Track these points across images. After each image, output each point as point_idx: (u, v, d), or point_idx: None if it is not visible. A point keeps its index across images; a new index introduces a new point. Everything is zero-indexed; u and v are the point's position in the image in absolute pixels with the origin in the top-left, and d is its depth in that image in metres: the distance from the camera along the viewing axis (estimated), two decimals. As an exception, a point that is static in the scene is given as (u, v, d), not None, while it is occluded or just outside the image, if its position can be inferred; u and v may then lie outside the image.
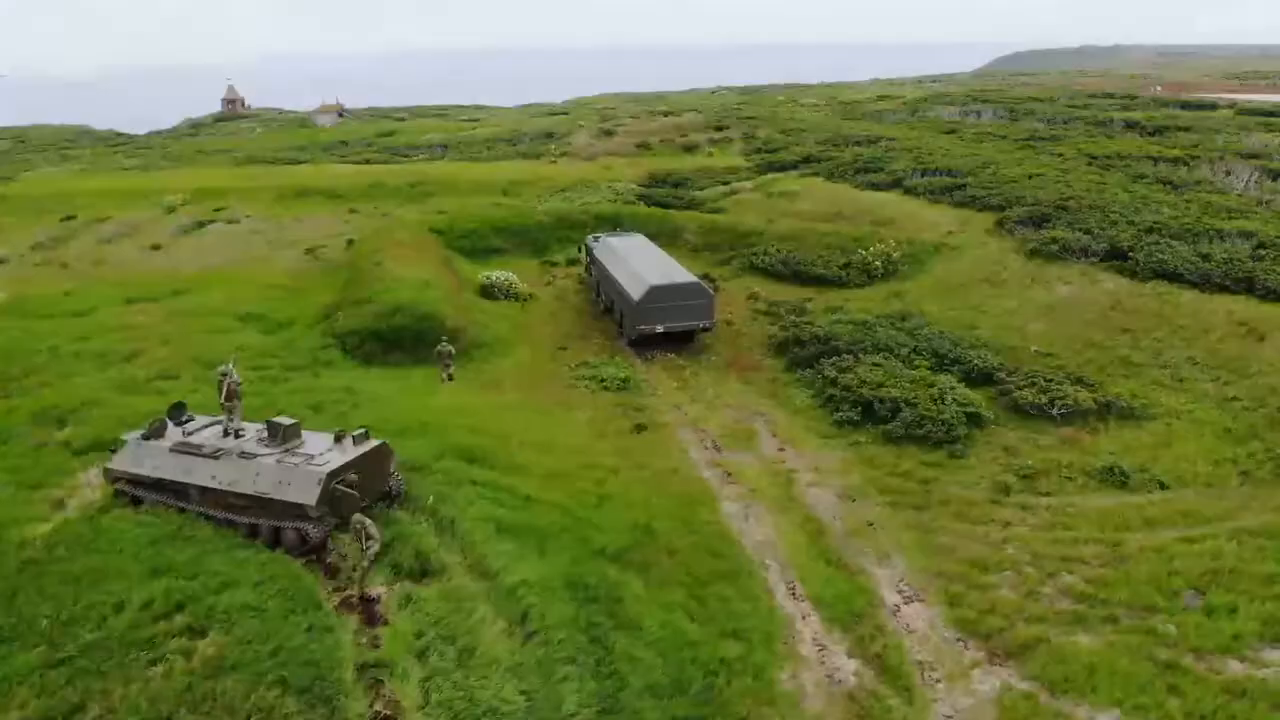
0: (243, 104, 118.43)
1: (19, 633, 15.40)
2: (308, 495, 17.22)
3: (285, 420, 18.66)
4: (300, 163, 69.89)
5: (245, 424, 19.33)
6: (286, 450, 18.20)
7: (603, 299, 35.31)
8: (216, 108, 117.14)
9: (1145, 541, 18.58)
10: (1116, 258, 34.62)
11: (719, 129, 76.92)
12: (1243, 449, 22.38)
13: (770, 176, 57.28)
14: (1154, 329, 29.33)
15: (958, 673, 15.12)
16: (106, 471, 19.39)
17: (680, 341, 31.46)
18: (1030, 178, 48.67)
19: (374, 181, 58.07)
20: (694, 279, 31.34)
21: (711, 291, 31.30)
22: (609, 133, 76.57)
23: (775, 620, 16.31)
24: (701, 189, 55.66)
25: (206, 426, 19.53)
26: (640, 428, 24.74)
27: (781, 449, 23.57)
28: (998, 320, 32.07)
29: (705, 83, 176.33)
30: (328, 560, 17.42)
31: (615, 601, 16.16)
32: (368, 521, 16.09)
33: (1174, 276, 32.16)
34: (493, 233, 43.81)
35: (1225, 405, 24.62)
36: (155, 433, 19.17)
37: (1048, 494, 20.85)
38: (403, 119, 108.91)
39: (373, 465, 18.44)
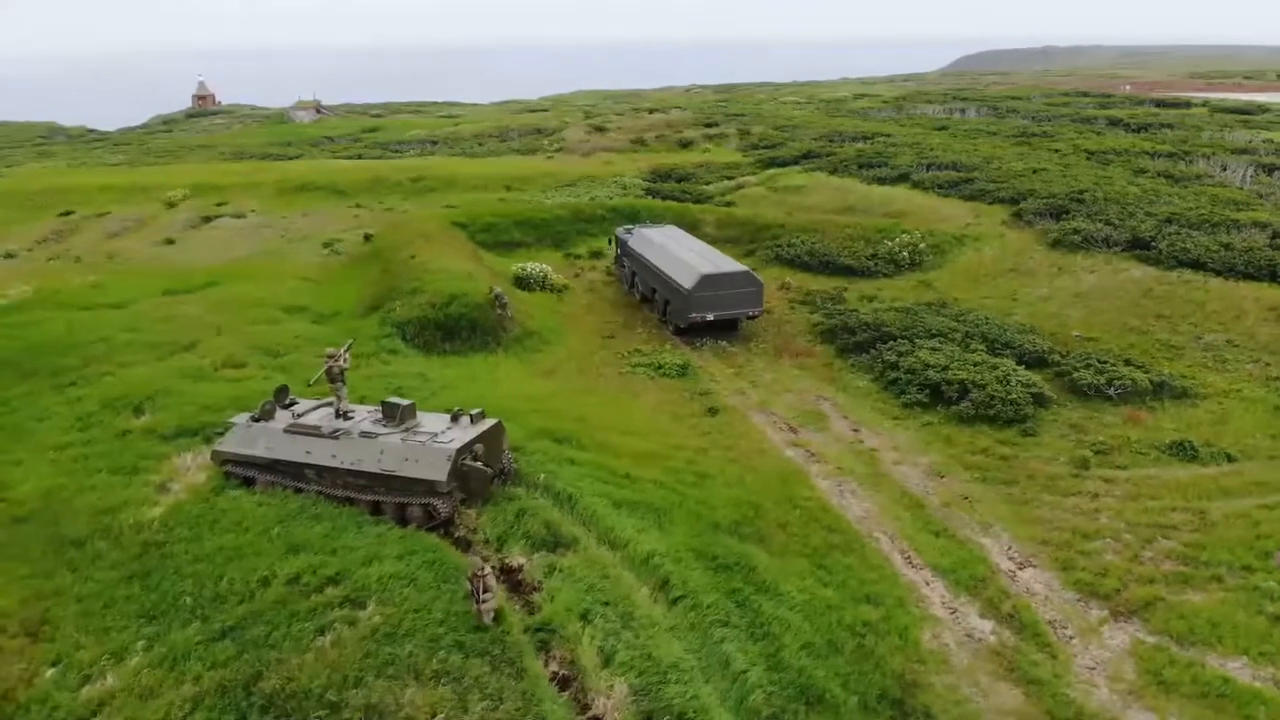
0: (213, 100, 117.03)
1: (163, 610, 15.73)
2: (438, 471, 17.70)
3: (401, 400, 19.12)
4: (292, 158, 69.52)
5: (354, 406, 19.73)
6: (407, 429, 18.64)
7: (638, 289, 35.98)
8: (185, 104, 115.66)
9: (1227, 509, 19.77)
10: (1139, 247, 36.11)
11: (709, 126, 77.98)
12: (1299, 424, 23.72)
13: (773, 171, 58.34)
14: (1188, 314, 30.77)
15: (1087, 629, 16.09)
16: (215, 454, 19.66)
17: (725, 330, 32.26)
18: (1035, 172, 50.30)
19: (375, 177, 58.12)
20: (744, 268, 32.19)
21: (761, 280, 32.13)
22: (601, 129, 77.19)
23: (902, 586, 17.16)
24: (707, 184, 56.57)
25: (314, 409, 19.88)
26: (713, 411, 25.49)
27: (855, 430, 24.47)
28: (1032, 308, 33.33)
29: (670, 80, 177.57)
30: (457, 534, 17.91)
31: (749, 570, 16.88)
32: (487, 570, 15.07)
33: (1198, 265, 33.71)
34: (513, 226, 44.25)
35: (1270, 385, 26.03)
36: (265, 415, 19.49)
37: (1124, 467, 21.97)
38: (380, 115, 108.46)
39: (491, 443, 18.95)
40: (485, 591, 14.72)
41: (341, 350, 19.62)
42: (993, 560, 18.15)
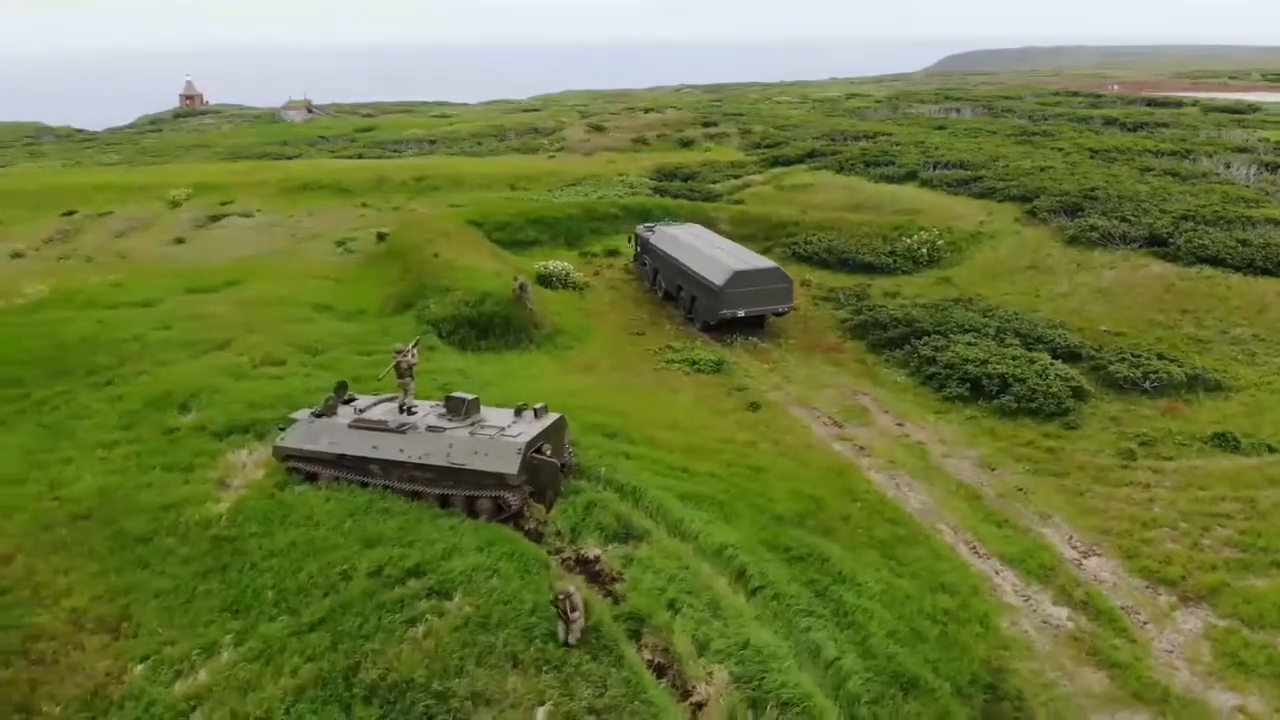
0: (201, 100, 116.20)
1: (245, 604, 15.79)
2: (509, 465, 17.84)
3: (465, 395, 19.24)
4: (290, 158, 69.30)
5: (417, 401, 19.84)
6: (473, 424, 18.77)
7: (660, 286, 36.20)
8: (171, 104, 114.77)
9: (1276, 498, 20.24)
10: (1156, 244, 36.71)
11: (708, 125, 78.37)
12: (1332, 416, 24.26)
13: (779, 170, 58.80)
14: (1212, 309, 31.36)
15: (1159, 615, 16.48)
16: (277, 449, 19.69)
17: (752, 326, 32.54)
18: (1042, 170, 50.99)
19: (379, 176, 58.13)
20: (775, 264, 32.52)
21: (790, 276, 32.45)
22: (599, 128, 77.39)
23: (973, 575, 17.48)
24: (714, 182, 56.92)
25: (375, 404, 19.97)
26: (754, 406, 25.74)
27: (899, 424, 24.80)
28: (1055, 303, 33.83)
29: (656, 80, 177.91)
30: (527, 527, 18.06)
31: (823, 561, 17.15)
32: (573, 591, 14.28)
33: (1216, 261, 34.33)
34: (527, 224, 44.40)
35: (1302, 377, 26.60)
36: (328, 410, 19.57)
37: (1170, 458, 22.42)
38: (371, 115, 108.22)
39: (554, 438, 19.12)
40: (573, 611, 14.11)
41: (409, 346, 19.78)
42: (1058, 549, 18.50)
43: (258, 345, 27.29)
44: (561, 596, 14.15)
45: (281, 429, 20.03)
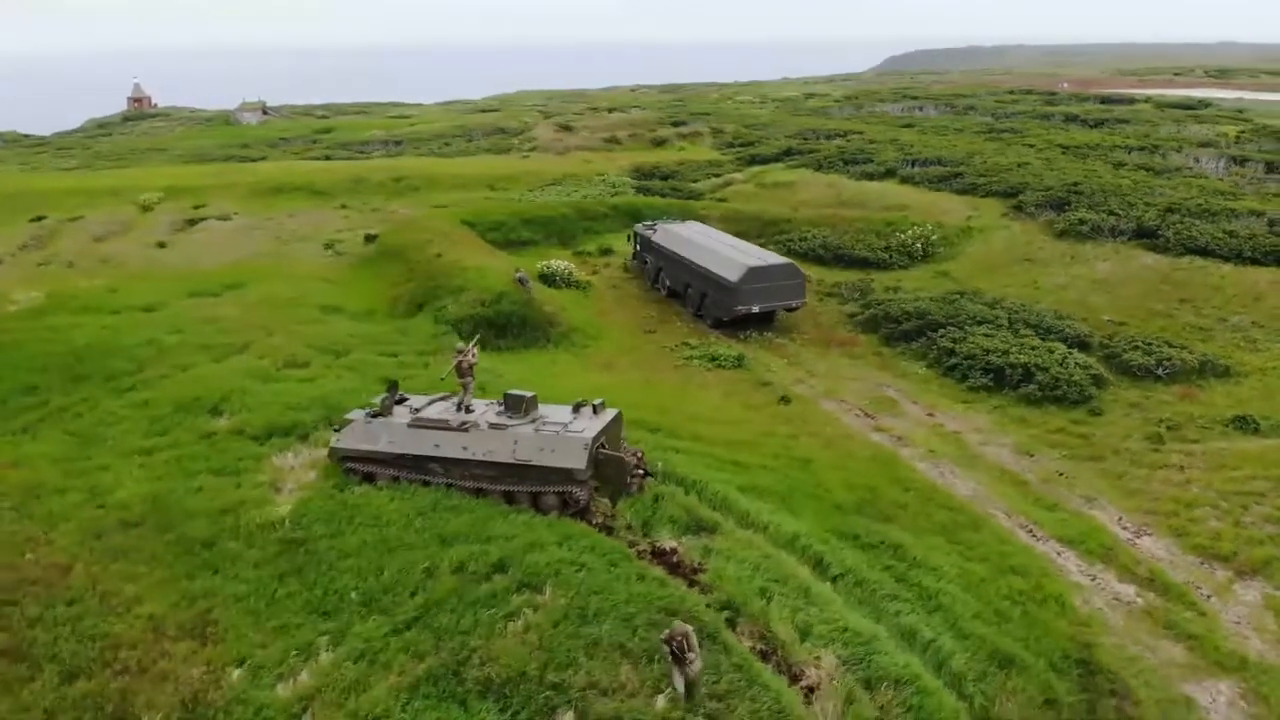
0: (150, 103, 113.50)
1: (331, 605, 15.74)
2: (576, 460, 17.98)
3: (524, 392, 19.32)
4: (255, 160, 68.24)
5: (474, 400, 19.88)
6: (534, 420, 18.88)
7: (663, 284, 36.48)
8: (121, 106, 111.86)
9: (1306, 476, 21.17)
10: (1145, 236, 37.98)
11: (677, 124, 78.82)
12: (1342, 398, 25.41)
13: (758, 169, 59.47)
14: (1209, 298, 32.56)
15: (1221, 588, 17.21)
16: (333, 450, 19.59)
17: (762, 322, 32.99)
18: (1020, 166, 52.35)
19: (355, 177, 57.61)
20: (788, 260, 33.04)
21: (803, 272, 32.96)
22: (568, 128, 77.46)
23: (1038, 558, 18.06)
24: (695, 181, 57.36)
25: (430, 403, 19.96)
26: (785, 399, 26.16)
27: (930, 414, 25.41)
28: (1055, 295, 34.79)
29: (604, 81, 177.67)
30: (595, 521, 18.20)
31: (896, 547, 17.61)
32: (689, 632, 12.87)
33: (1205, 252, 35.65)
34: (521, 224, 44.42)
35: (1305, 362, 27.78)
36: (384, 410, 19.52)
37: (1196, 441, 23.32)
38: (325, 116, 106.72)
39: (613, 433, 19.30)
40: (689, 652, 12.66)
41: (470, 346, 19.84)
42: (1111, 530, 19.19)
43: (277, 348, 26.99)
44: (677, 636, 12.70)
45: (336, 430, 19.91)
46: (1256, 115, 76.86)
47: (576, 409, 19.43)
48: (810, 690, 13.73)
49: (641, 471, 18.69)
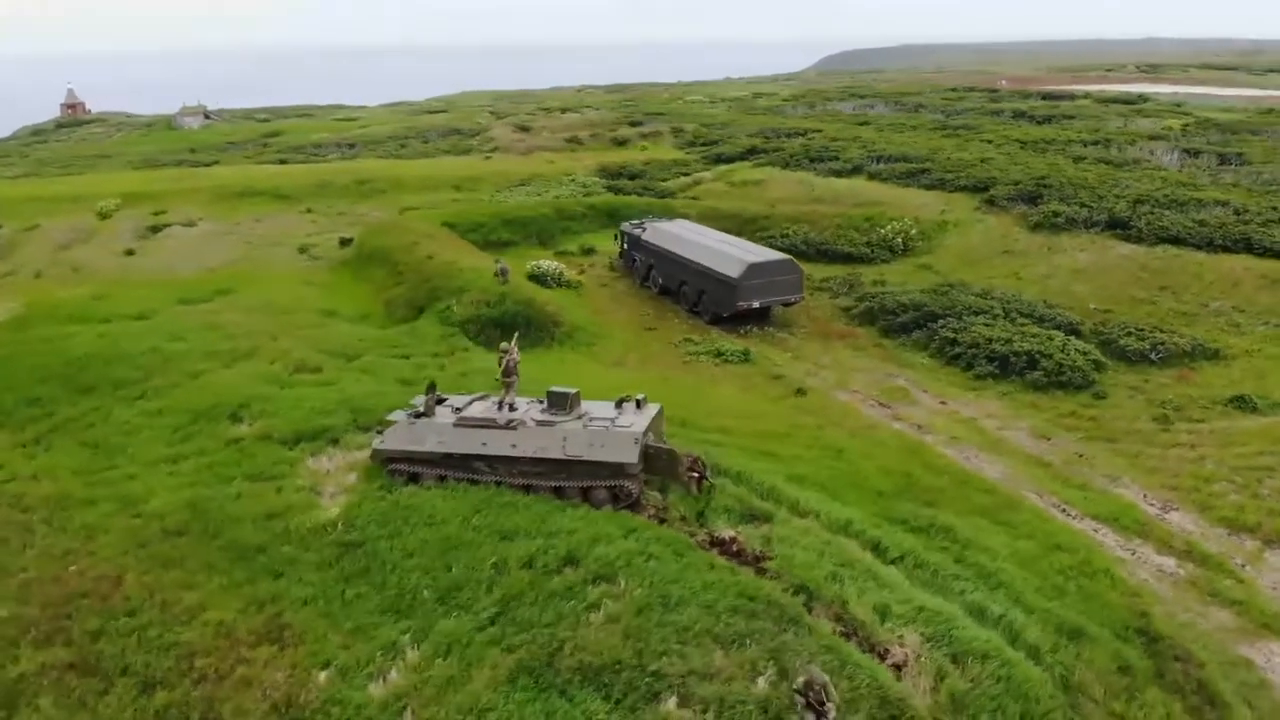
0: (84, 109, 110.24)
1: (405, 604, 15.80)
2: (628, 454, 18.27)
3: (567, 389, 19.53)
4: (208, 165, 67.05)
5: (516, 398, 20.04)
6: (580, 416, 19.12)
7: (656, 282, 36.84)
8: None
9: (1308, 450, 22.37)
10: (1118, 226, 39.45)
11: (634, 124, 79.32)
12: (1325, 376, 26.82)
13: (725, 167, 60.20)
14: (1188, 285, 34.02)
15: (1252, 557, 18.18)
16: (377, 452, 19.60)
17: (759, 318, 33.56)
18: (983, 161, 53.91)
19: (319, 181, 57.03)
20: (787, 256, 33.68)
21: (801, 268, 33.61)
22: (526, 129, 77.44)
23: (1078, 534, 18.82)
24: (664, 180, 57.83)
25: (471, 403, 20.06)
26: (801, 392, 26.73)
27: (943, 402, 26.19)
28: (1039, 285, 36.02)
29: (542, 83, 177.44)
30: (647, 514, 18.49)
31: (947, 530, 18.21)
32: (827, 682, 12.23)
33: (1178, 241, 37.20)
34: (500, 225, 44.51)
35: (1287, 343, 29.22)
36: (428, 411, 19.59)
37: (1200, 420, 24.46)
38: (267, 120, 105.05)
39: (658, 427, 19.63)
40: (827, 703, 11.92)
41: (512, 345, 20.05)
42: (1140, 507, 20.08)
43: (286, 352, 26.75)
44: (816, 686, 12.03)
45: (379, 432, 19.91)
46: (1195, 109, 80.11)
47: (619, 404, 19.71)
48: (898, 668, 14.21)
49: (698, 474, 19.00)
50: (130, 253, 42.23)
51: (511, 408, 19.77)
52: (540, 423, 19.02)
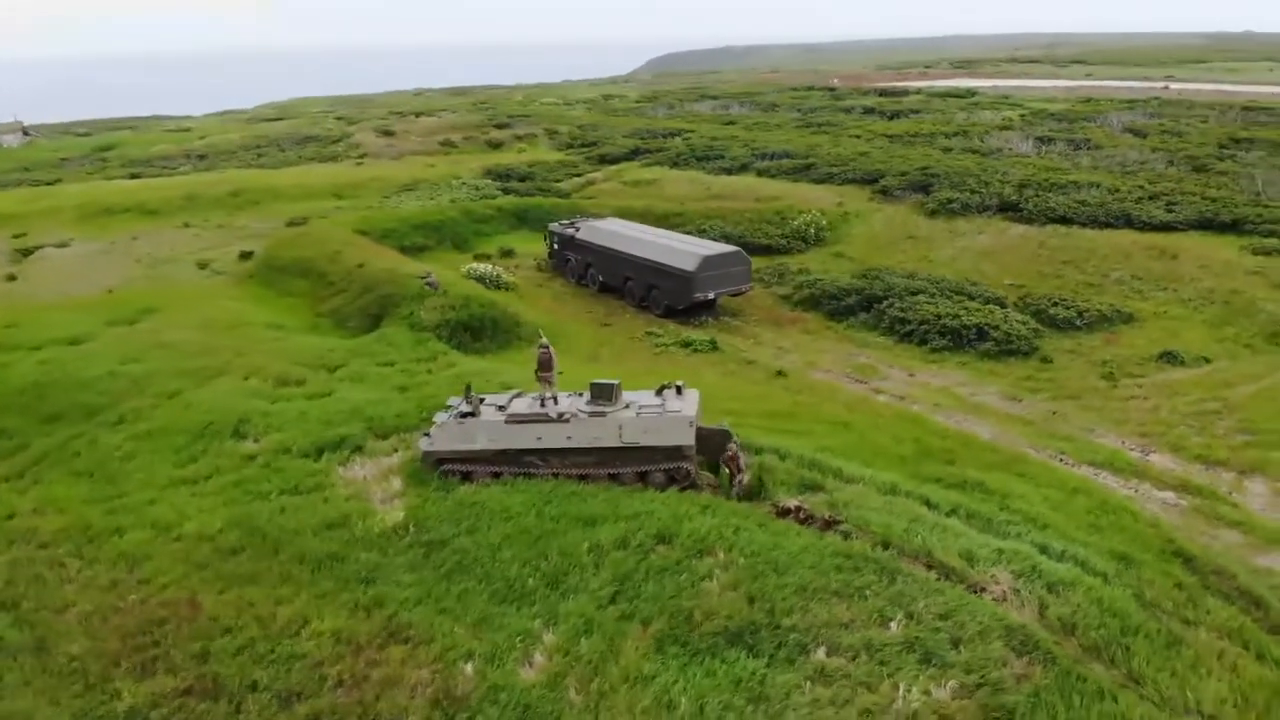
0: None
1: (516, 593, 16.26)
2: (685, 437, 19.36)
3: (610, 381, 20.38)
4: (51, 183, 62.90)
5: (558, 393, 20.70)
6: (627, 405, 20.02)
7: (596, 279, 37.72)
8: None
9: (1241, 394, 25.79)
10: (1009, 210, 43.25)
11: (500, 128, 79.51)
12: (1228, 331, 30.72)
13: (614, 168, 61.53)
14: (1086, 259, 37.84)
15: (1235, 486, 21.02)
16: (427, 454, 19.82)
17: (706, 309, 35.05)
18: (861, 155, 57.47)
19: (188, 194, 54.68)
20: (736, 248, 35.30)
21: (749, 258, 35.30)
22: (390, 133, 76.31)
23: (1085, 479, 21.17)
24: (558, 181, 58.57)
25: (511, 399, 20.58)
26: (781, 373, 28.34)
27: (911, 375, 28.41)
28: (950, 266, 39.13)
29: (378, 86, 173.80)
30: (703, 493, 19.57)
31: (980, 484, 20.11)
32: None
33: (1066, 220, 41.22)
34: (411, 230, 44.25)
35: (1187, 305, 33.17)
36: (475, 410, 19.98)
37: (1142, 375, 27.61)
38: (88, 134, 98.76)
39: (699, 411, 20.75)
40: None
41: (543, 341, 20.85)
42: (1126, 453, 22.69)
43: (260, 367, 26.18)
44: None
45: (426, 435, 20.10)
46: (1022, 100, 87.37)
47: (659, 392, 20.71)
48: (998, 603, 15.87)
49: (738, 466, 20.15)
50: (12, 278, 39.53)
51: (556, 401, 20.43)
52: (594, 414, 19.78)
